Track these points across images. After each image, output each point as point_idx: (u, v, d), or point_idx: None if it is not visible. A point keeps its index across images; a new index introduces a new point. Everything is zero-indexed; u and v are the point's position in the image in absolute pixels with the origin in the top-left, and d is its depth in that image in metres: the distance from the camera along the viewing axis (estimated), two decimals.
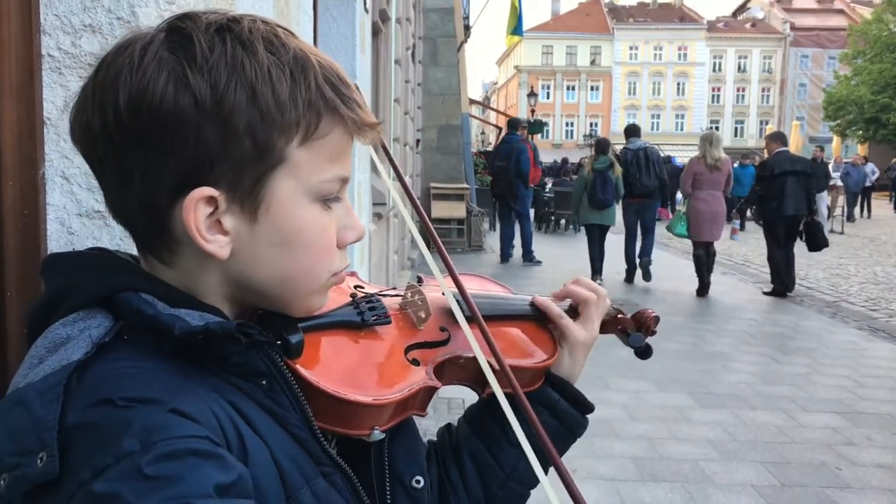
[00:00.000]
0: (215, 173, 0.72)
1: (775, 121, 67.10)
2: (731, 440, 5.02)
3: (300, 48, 0.76)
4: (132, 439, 0.60)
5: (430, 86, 15.37)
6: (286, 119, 0.73)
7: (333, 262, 0.83)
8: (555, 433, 1.06)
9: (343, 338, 0.89)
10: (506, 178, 12.40)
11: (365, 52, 4.74)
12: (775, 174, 9.53)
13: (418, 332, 0.97)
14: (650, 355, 1.17)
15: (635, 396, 5.82)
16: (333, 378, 0.82)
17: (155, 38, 0.73)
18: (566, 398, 1.08)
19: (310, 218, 0.78)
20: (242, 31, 0.73)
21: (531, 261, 12.61)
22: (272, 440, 0.74)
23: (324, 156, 0.77)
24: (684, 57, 73.35)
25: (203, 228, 0.73)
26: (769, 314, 9.24)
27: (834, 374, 6.62)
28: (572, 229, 18.76)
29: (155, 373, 0.69)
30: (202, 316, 0.74)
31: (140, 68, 0.71)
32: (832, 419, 5.47)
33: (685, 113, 73.26)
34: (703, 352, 7.30)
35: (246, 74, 0.71)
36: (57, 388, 0.65)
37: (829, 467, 4.61)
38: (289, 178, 0.76)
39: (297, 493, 0.74)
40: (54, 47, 1.08)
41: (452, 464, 1.07)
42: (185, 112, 0.70)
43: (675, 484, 4.31)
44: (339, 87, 0.77)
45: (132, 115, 0.70)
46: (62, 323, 0.73)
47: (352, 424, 0.83)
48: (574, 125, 74.27)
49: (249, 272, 0.78)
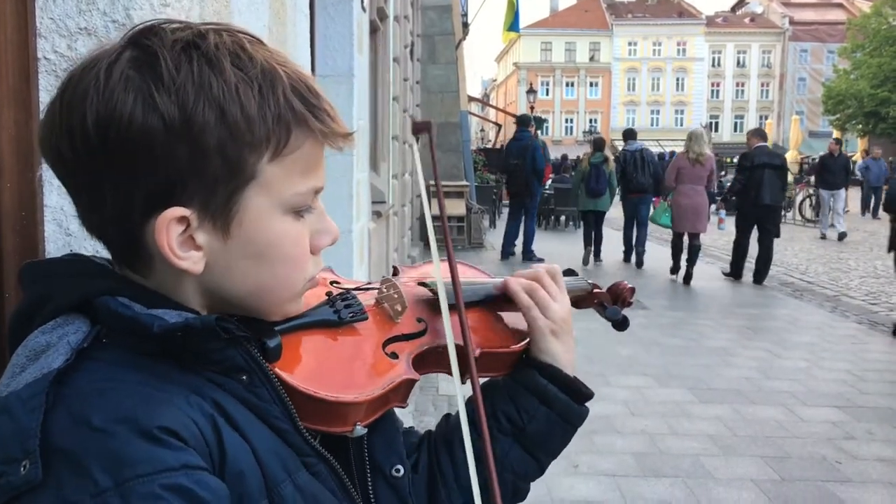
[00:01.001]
0: (187, 193, 0.73)
1: (775, 115, 67.04)
2: (732, 435, 5.03)
3: (267, 60, 0.75)
4: (105, 474, 0.61)
5: (428, 83, 15.36)
6: (256, 135, 0.73)
7: (308, 269, 0.84)
8: (547, 420, 1.05)
9: (321, 337, 0.90)
10: (522, 176, 12.39)
11: (363, 51, 4.75)
12: (755, 165, 10.21)
13: (395, 326, 0.98)
14: (627, 326, 1.20)
15: (636, 392, 5.83)
16: (313, 379, 0.83)
17: (121, 56, 0.72)
18: (555, 383, 1.05)
19: (283, 230, 0.79)
20: (209, 48, 0.73)
21: (531, 258, 12.62)
22: (253, 436, 0.75)
23: (295, 169, 0.77)
24: (683, 52, 73.34)
25: (175, 247, 0.73)
26: (769, 308, 9.26)
27: (834, 369, 6.64)
28: (572, 226, 18.77)
29: (129, 385, 0.69)
30: (180, 314, 0.74)
31: (107, 89, 0.70)
32: (832, 413, 5.49)
33: (684, 108, 73.24)
34: (703, 347, 7.31)
35: (214, 93, 0.71)
36: (39, 397, 0.65)
37: (829, 461, 4.62)
38: (261, 193, 0.76)
39: (278, 487, 0.75)
40: (50, 50, 1.09)
41: (444, 452, 1.08)
42: (154, 134, 0.70)
43: (676, 479, 4.32)
44: (308, 98, 0.77)
45: (100, 137, 0.70)
46: (41, 330, 0.74)
47: (334, 423, 0.84)
48: (574, 121, 74.28)
49: (224, 284, 0.79)
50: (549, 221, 19.05)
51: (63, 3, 1.08)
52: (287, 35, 2.33)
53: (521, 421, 1.05)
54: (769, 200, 10.21)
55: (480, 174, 19.47)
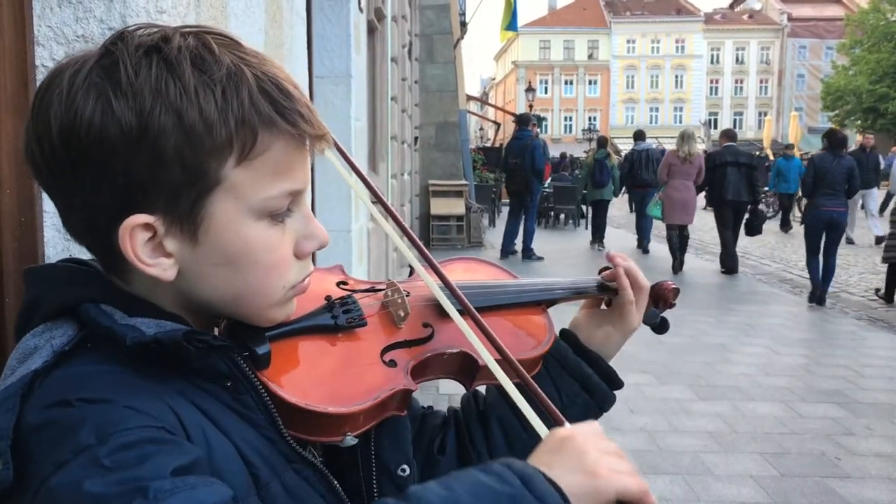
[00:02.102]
0: (149, 200, 0.72)
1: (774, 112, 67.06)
2: (731, 432, 5.04)
3: (234, 63, 0.73)
4: (88, 433, 0.63)
5: (427, 83, 15.36)
6: (216, 140, 0.71)
7: (287, 276, 0.81)
8: (585, 406, 1.09)
9: (315, 344, 0.88)
10: (522, 175, 12.39)
11: (360, 52, 4.76)
12: (717, 164, 10.98)
13: (398, 332, 0.95)
14: (666, 330, 1.17)
15: (635, 389, 5.84)
16: (302, 388, 0.81)
17: (86, 62, 0.72)
18: (599, 373, 1.11)
19: (255, 236, 0.77)
20: (170, 52, 0.71)
21: (531, 257, 12.63)
22: (238, 437, 0.76)
23: (266, 172, 0.75)
24: (682, 49, 73.30)
25: (143, 254, 0.74)
26: (768, 306, 9.26)
27: (833, 365, 6.65)
28: (572, 224, 18.79)
29: (110, 375, 0.71)
30: (159, 324, 0.75)
31: (68, 97, 0.71)
32: (831, 409, 5.50)
33: (683, 105, 73.17)
34: (703, 344, 7.33)
35: (170, 97, 0.70)
36: (14, 398, 0.67)
37: (828, 457, 4.63)
38: (227, 198, 0.74)
39: (268, 486, 0.76)
40: (48, 58, 1.11)
41: (478, 429, 1.09)
42: (113, 140, 0.69)
43: (676, 476, 4.34)
44: (277, 99, 0.74)
45: (64, 145, 0.71)
46: (31, 334, 0.76)
47: (323, 433, 0.83)
48: (573, 119, 74.24)
49: (199, 291, 0.79)
50: (549, 220, 19.06)
51: (61, 12, 1.09)
52: (284, 38, 2.34)
53: (562, 404, 1.08)
54: (731, 196, 10.86)
55: (479, 173, 19.46)
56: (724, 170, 10.85)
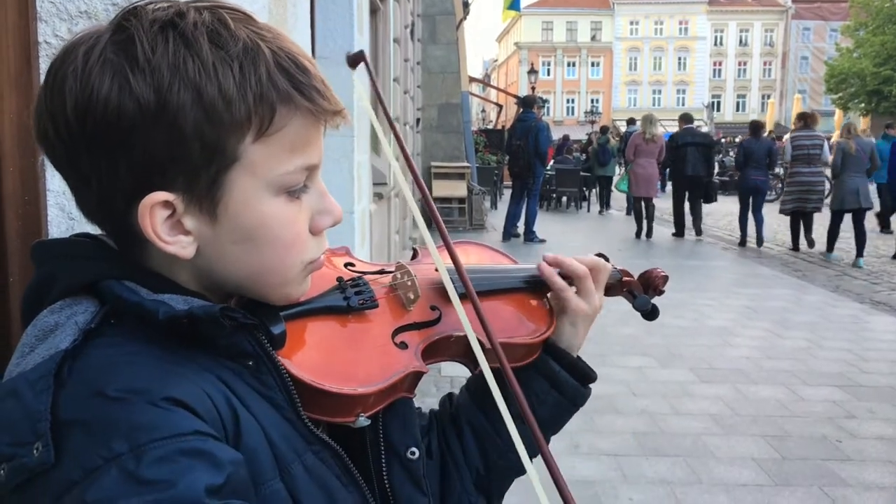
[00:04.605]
0: (168, 176, 0.71)
1: (777, 94, 66.73)
2: (733, 414, 5.05)
3: (250, 37, 0.73)
4: (121, 440, 0.61)
5: (429, 64, 15.29)
6: (235, 116, 0.71)
7: (305, 252, 0.81)
8: (556, 404, 1.08)
9: (328, 324, 0.88)
10: (524, 157, 12.37)
11: (363, 32, 4.73)
12: (679, 145, 12.92)
13: (407, 314, 0.95)
14: (657, 316, 1.16)
15: (637, 372, 5.85)
16: (315, 368, 0.81)
17: (100, 38, 0.71)
18: (567, 369, 1.09)
19: (273, 212, 0.77)
20: (186, 27, 0.70)
21: (532, 240, 12.62)
22: (263, 417, 0.75)
23: (283, 148, 0.75)
24: (685, 31, 72.86)
25: (162, 232, 0.73)
26: (770, 289, 9.26)
27: (835, 348, 6.66)
28: (573, 206, 18.78)
29: (143, 358, 0.70)
30: (186, 300, 0.74)
31: (84, 73, 0.69)
32: (833, 392, 5.51)
33: (686, 88, 72.86)
34: (705, 327, 7.33)
35: (189, 74, 0.69)
36: (47, 379, 0.66)
37: (829, 440, 4.64)
38: (246, 175, 0.74)
39: (290, 467, 0.75)
40: (51, 34, 1.09)
41: (452, 433, 1.08)
42: (130, 118, 0.68)
43: (677, 458, 4.35)
44: (294, 74, 0.74)
45: (80, 122, 0.69)
46: (50, 310, 0.74)
47: (335, 413, 0.83)
48: (575, 102, 73.91)
49: (217, 268, 0.78)
50: (551, 202, 19.04)
51: None
52: (287, 16, 2.32)
53: (532, 405, 1.06)
54: (690, 172, 12.85)
55: (482, 155, 19.41)
56: (685, 149, 12.79)
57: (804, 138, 11.44)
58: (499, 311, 1.05)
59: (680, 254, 12.14)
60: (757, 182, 12.22)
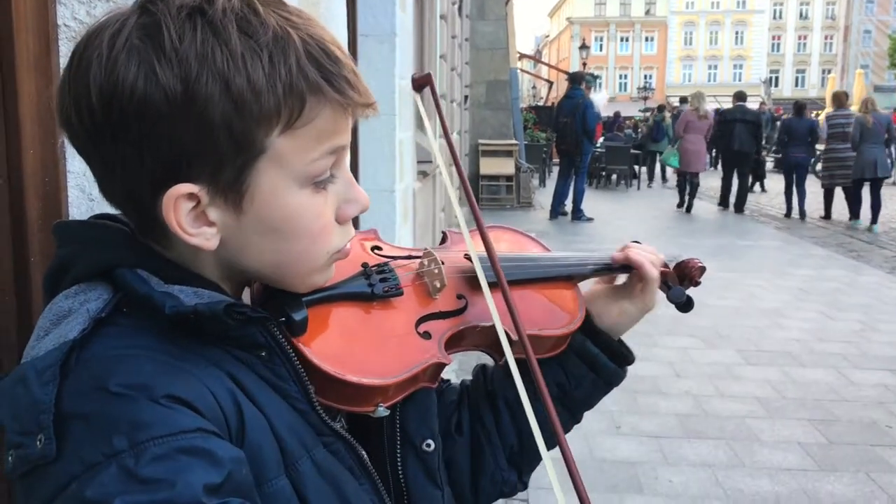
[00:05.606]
0: (194, 168, 0.70)
1: (838, 69, 64.65)
2: (780, 398, 4.96)
3: (280, 25, 0.71)
4: (121, 437, 0.62)
5: (477, 41, 15.16)
6: (264, 108, 0.69)
7: (330, 242, 0.80)
8: (593, 386, 1.08)
9: (351, 312, 0.87)
10: (572, 135, 12.27)
11: (406, 9, 4.70)
12: (727, 120, 13.70)
13: (433, 302, 0.94)
14: (691, 308, 1.12)
15: (682, 353, 5.78)
16: (337, 357, 0.80)
17: (125, 23, 0.70)
18: (606, 352, 1.08)
19: (299, 204, 0.76)
20: (215, 14, 0.68)
21: (580, 218, 12.51)
22: (272, 411, 0.74)
23: (310, 139, 0.73)
24: (743, 4, 71.03)
25: (186, 224, 0.72)
26: (825, 270, 9.04)
27: (890, 331, 6.48)
28: (623, 185, 18.55)
29: (148, 353, 0.69)
30: (197, 292, 0.74)
31: (109, 61, 0.68)
32: (886, 377, 5.37)
33: (743, 63, 71.13)
34: (755, 308, 7.19)
35: (218, 64, 0.67)
36: (53, 369, 0.66)
37: (879, 425, 4.54)
38: (273, 167, 0.73)
39: (297, 462, 0.75)
40: (70, 17, 1.10)
41: (487, 408, 1.07)
42: (157, 108, 0.67)
43: (720, 441, 4.29)
44: (325, 65, 0.72)
45: (105, 110, 0.68)
46: (65, 295, 0.74)
47: (355, 402, 0.82)
48: (628, 77, 72.85)
49: (242, 259, 0.78)
50: (600, 180, 18.83)
51: None
52: None
53: (569, 385, 1.07)
54: (737, 147, 13.48)
55: (531, 132, 19.26)
56: (732, 125, 13.47)
57: (839, 117, 12.13)
58: (529, 301, 1.02)
59: (732, 232, 11.97)
60: (798, 159, 13.01)
